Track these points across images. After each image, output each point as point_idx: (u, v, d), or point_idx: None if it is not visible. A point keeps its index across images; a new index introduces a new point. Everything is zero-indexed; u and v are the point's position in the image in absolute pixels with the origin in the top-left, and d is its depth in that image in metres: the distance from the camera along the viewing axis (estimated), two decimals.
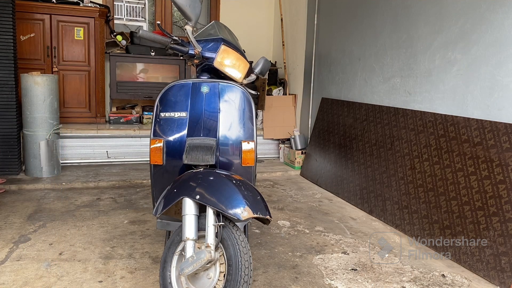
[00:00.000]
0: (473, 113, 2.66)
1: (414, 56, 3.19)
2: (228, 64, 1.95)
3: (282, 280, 2.21)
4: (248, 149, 1.92)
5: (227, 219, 1.62)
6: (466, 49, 2.73)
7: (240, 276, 1.51)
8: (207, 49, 1.95)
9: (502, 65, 2.47)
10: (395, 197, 3.10)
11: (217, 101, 1.94)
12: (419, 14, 3.14)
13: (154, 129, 1.96)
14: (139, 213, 3.15)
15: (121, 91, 5.04)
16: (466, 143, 2.62)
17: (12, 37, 3.75)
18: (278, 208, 3.42)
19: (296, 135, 4.88)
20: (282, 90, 5.40)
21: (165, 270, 1.68)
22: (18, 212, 3.05)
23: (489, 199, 2.38)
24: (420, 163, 2.94)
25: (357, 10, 3.94)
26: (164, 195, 1.73)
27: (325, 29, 4.55)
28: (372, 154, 3.48)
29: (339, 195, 3.77)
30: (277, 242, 2.71)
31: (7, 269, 2.19)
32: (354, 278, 2.26)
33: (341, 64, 4.22)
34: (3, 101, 3.71)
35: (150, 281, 2.14)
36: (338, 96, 4.26)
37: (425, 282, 2.24)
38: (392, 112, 3.37)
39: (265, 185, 4.12)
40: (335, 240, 2.78)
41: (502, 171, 2.35)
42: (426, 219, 2.77)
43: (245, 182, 1.71)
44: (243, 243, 1.57)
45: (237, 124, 1.95)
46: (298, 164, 4.69)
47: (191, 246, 1.57)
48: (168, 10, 5.68)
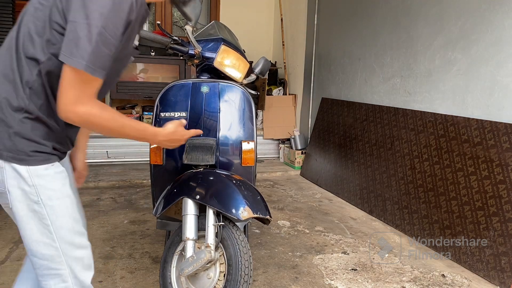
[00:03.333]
0: (473, 113, 2.66)
1: (414, 56, 3.18)
2: (228, 64, 1.95)
3: (282, 280, 2.21)
4: (248, 149, 1.92)
5: (227, 219, 1.62)
6: (466, 49, 2.73)
7: (240, 276, 1.51)
8: (207, 49, 1.95)
9: (502, 65, 2.47)
10: (395, 197, 3.10)
11: (217, 101, 1.94)
12: (419, 14, 3.14)
13: None
14: (139, 213, 3.15)
15: (121, 91, 5.03)
16: (466, 143, 2.62)
17: None
18: (278, 208, 3.42)
19: (296, 135, 4.88)
20: (282, 90, 5.40)
21: (165, 270, 1.68)
22: None
23: (489, 199, 2.38)
24: (420, 163, 2.94)
25: (357, 10, 3.94)
26: (164, 195, 1.74)
27: (325, 29, 4.55)
28: (372, 154, 3.48)
29: (339, 195, 3.77)
30: (277, 242, 2.71)
31: (7, 269, 2.19)
32: (354, 278, 2.26)
33: (341, 64, 4.22)
34: None
35: (150, 281, 2.14)
36: (338, 96, 4.26)
37: (425, 282, 2.24)
38: (392, 112, 3.37)
39: (265, 185, 4.12)
40: (335, 240, 2.78)
41: (502, 171, 2.35)
42: (426, 219, 2.77)
43: (245, 182, 1.71)
44: (243, 243, 1.57)
45: (237, 124, 1.95)
46: (298, 164, 4.69)
47: (191, 246, 1.57)
48: (168, 10, 5.68)
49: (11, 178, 1.06)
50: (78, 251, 1.17)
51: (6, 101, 1.03)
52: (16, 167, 1.05)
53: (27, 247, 1.15)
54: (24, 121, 1.04)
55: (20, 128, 1.04)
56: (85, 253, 1.20)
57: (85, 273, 1.20)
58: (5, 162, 1.05)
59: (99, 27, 0.94)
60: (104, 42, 0.95)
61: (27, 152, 1.05)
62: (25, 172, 1.06)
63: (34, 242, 1.12)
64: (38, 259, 1.14)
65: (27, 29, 1.02)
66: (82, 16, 0.93)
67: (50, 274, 1.15)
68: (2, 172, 1.06)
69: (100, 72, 0.98)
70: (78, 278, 1.17)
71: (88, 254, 1.22)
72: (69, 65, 0.95)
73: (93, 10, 0.93)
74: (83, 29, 0.93)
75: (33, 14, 1.02)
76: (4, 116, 1.04)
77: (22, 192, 1.08)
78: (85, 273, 1.20)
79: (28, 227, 1.12)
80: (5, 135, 1.04)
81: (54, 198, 1.11)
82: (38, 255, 1.13)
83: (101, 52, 0.96)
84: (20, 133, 1.04)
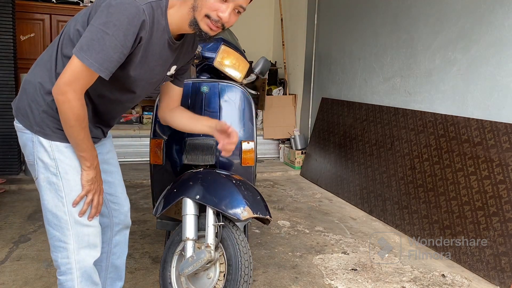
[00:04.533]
0: (473, 113, 2.66)
1: (414, 56, 3.18)
2: (228, 64, 1.95)
3: (282, 280, 2.21)
4: (248, 149, 1.92)
5: (227, 219, 1.61)
6: (466, 49, 2.73)
7: (240, 276, 1.51)
8: (207, 49, 1.95)
9: (502, 65, 2.47)
10: (395, 197, 3.10)
11: (217, 101, 1.94)
12: (419, 14, 3.14)
13: (154, 129, 1.96)
14: (139, 213, 3.15)
15: None
16: (466, 143, 2.62)
17: (12, 37, 3.75)
18: (278, 208, 3.42)
19: (296, 135, 4.88)
20: (282, 90, 5.40)
21: (165, 270, 1.68)
22: (18, 212, 3.05)
23: (489, 199, 2.38)
24: (420, 163, 2.94)
25: (357, 10, 3.93)
26: (164, 195, 1.73)
27: (325, 29, 4.55)
28: (372, 154, 3.48)
29: (339, 195, 3.77)
30: (277, 242, 2.71)
31: (7, 269, 2.19)
32: (354, 278, 2.26)
33: (341, 64, 4.22)
34: (3, 101, 3.72)
35: (150, 281, 2.14)
36: (338, 96, 4.26)
37: (425, 282, 2.24)
38: (392, 112, 3.37)
39: (265, 185, 4.12)
40: (335, 240, 2.78)
41: (502, 171, 2.35)
42: (426, 219, 2.77)
43: (245, 182, 1.71)
44: (243, 243, 1.56)
45: (237, 124, 1.95)
46: (298, 164, 4.69)
47: (191, 246, 1.57)
48: None
49: (38, 150, 1.26)
50: (85, 228, 1.30)
51: (40, 85, 1.24)
52: (42, 141, 1.25)
53: (44, 216, 1.30)
54: (52, 104, 1.21)
55: (48, 108, 1.23)
56: (91, 231, 1.32)
57: (88, 251, 1.31)
58: (34, 135, 1.25)
59: (110, 35, 1.11)
60: (113, 49, 1.12)
61: (52, 129, 1.24)
62: (48, 146, 1.25)
63: (49, 212, 1.28)
64: (51, 229, 1.29)
65: (68, 31, 1.23)
66: (101, 23, 1.11)
67: (60, 247, 1.29)
68: (33, 145, 1.26)
69: (104, 72, 1.14)
70: (80, 254, 1.29)
71: (94, 232, 1.33)
72: (78, 58, 1.12)
73: (110, 20, 1.11)
74: (98, 33, 1.11)
75: (76, 20, 1.23)
76: (38, 97, 1.24)
77: (45, 164, 1.26)
78: (88, 251, 1.31)
79: (46, 197, 1.28)
80: (36, 112, 1.24)
81: (70, 173, 1.27)
82: (52, 225, 1.29)
83: (110, 56, 1.13)
84: (48, 112, 1.24)
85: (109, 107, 1.37)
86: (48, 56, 1.26)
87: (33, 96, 1.24)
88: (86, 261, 1.31)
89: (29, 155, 1.29)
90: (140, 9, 1.13)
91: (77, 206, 1.28)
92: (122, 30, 1.11)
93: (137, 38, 1.15)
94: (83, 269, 1.31)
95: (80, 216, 1.29)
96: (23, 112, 1.26)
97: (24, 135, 1.28)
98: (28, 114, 1.25)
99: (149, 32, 1.18)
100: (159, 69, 1.32)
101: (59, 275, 1.31)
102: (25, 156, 1.32)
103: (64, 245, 1.28)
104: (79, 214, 1.28)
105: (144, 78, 1.31)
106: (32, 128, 1.25)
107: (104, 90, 1.29)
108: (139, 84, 1.31)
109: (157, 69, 1.32)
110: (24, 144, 1.29)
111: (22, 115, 1.27)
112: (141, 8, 1.13)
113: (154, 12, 1.17)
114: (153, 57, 1.26)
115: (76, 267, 1.29)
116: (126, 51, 1.15)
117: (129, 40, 1.13)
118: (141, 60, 1.23)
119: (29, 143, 1.27)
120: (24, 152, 1.31)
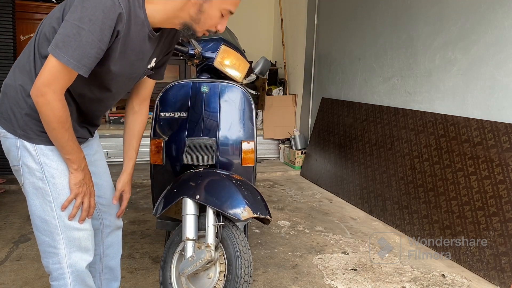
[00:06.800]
0: (473, 113, 2.66)
1: (414, 56, 3.18)
2: (228, 64, 1.95)
3: (282, 280, 2.21)
4: (248, 149, 1.92)
5: (227, 219, 1.61)
6: (466, 49, 2.73)
7: (240, 275, 1.51)
8: (207, 49, 1.95)
9: (502, 65, 2.47)
10: (395, 197, 3.10)
11: (217, 101, 1.94)
12: (419, 14, 3.14)
13: (154, 129, 1.96)
14: (139, 213, 3.15)
15: None
16: (466, 143, 2.62)
17: (12, 37, 3.75)
18: (278, 208, 3.42)
19: (296, 135, 4.88)
20: (282, 90, 5.40)
21: (165, 270, 1.68)
22: (18, 212, 3.05)
23: (489, 199, 2.38)
24: (420, 163, 2.94)
25: (357, 10, 3.94)
26: (164, 195, 1.73)
27: (325, 29, 4.55)
28: (372, 154, 3.48)
29: (339, 195, 3.77)
30: (277, 242, 2.71)
31: (7, 269, 2.19)
32: (354, 278, 2.26)
33: (341, 64, 4.22)
34: None
35: (150, 281, 2.13)
36: (338, 96, 4.26)
37: (425, 282, 2.24)
38: (392, 112, 3.37)
39: (265, 185, 4.12)
40: (335, 240, 2.78)
41: (502, 171, 2.35)
42: (426, 219, 2.77)
43: (245, 182, 1.71)
44: (243, 243, 1.56)
45: (237, 124, 1.95)
46: (298, 164, 4.69)
47: (191, 246, 1.57)
48: None
49: (22, 155, 1.22)
50: (76, 232, 1.28)
51: (21, 87, 1.20)
52: (26, 145, 1.21)
53: (33, 223, 1.27)
54: (34, 106, 1.16)
55: (31, 111, 1.19)
56: (82, 235, 1.29)
57: (80, 255, 1.29)
58: (18, 139, 1.22)
59: (86, 30, 1.06)
60: (90, 44, 1.08)
61: (36, 132, 1.21)
62: (33, 150, 1.22)
63: (37, 218, 1.25)
64: (40, 235, 1.27)
65: (43, 30, 1.19)
66: (75, 18, 1.07)
67: (50, 252, 1.27)
68: (17, 150, 1.22)
69: (82, 69, 1.10)
70: (72, 259, 1.27)
71: (86, 236, 1.31)
72: (54, 56, 1.08)
73: (85, 15, 1.06)
74: (73, 29, 1.07)
75: (51, 17, 1.19)
76: (19, 100, 1.20)
77: (30, 169, 1.23)
78: (80, 255, 1.29)
79: (33, 203, 1.25)
80: (19, 115, 1.20)
81: (57, 176, 1.23)
82: (41, 231, 1.26)
83: (87, 52, 1.08)
84: (31, 115, 1.20)
85: (90, 106, 1.33)
86: (26, 58, 1.22)
87: (14, 100, 1.21)
88: (78, 265, 1.28)
89: (13, 160, 1.25)
90: (116, 2, 1.08)
91: (66, 210, 1.24)
92: (98, 25, 1.06)
93: (114, 31, 1.11)
94: (76, 273, 1.28)
95: (70, 220, 1.25)
96: (6, 116, 1.22)
97: (8, 140, 1.23)
98: (11, 118, 1.21)
99: (126, 25, 1.14)
100: (139, 63, 1.29)
101: (51, 280, 1.29)
102: (10, 162, 1.27)
103: (55, 250, 1.25)
104: (68, 218, 1.25)
105: (124, 74, 1.27)
106: (16, 132, 1.21)
107: (84, 89, 1.25)
108: (120, 80, 1.28)
109: (137, 64, 1.29)
110: (8, 150, 1.25)
111: (4, 119, 1.23)
112: (116, 0, 1.08)
113: (131, 5, 1.13)
114: (132, 52, 1.22)
115: (69, 271, 1.27)
116: (103, 46, 1.10)
117: (106, 34, 1.09)
118: (120, 55, 1.19)
119: (13, 148, 1.23)
120: (8, 158, 1.27)
